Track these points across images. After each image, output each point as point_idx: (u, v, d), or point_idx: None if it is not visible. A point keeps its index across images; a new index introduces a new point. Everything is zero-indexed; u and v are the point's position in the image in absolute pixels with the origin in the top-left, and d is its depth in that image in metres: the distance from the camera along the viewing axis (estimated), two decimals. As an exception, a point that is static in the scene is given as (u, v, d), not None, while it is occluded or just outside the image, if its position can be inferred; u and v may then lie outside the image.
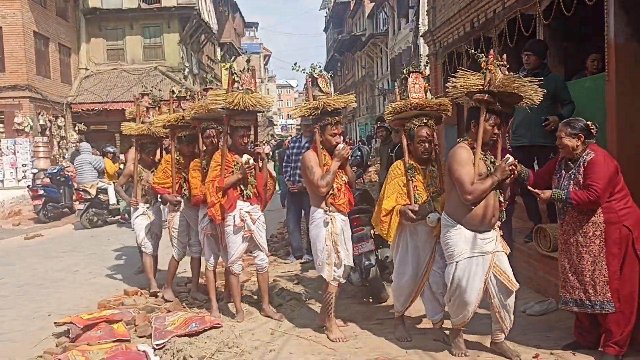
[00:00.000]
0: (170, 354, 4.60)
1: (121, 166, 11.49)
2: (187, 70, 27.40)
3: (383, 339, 4.77)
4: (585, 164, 4.01)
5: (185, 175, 5.90)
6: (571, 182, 4.08)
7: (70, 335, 5.04)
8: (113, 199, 12.24)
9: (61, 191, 13.92)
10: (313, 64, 5.08)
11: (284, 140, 24.81)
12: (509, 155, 4.07)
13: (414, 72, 4.68)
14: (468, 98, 4.19)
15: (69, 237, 11.48)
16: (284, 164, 8.53)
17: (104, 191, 12.32)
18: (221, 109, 5.27)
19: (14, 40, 19.33)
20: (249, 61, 5.28)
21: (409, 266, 4.60)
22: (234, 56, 41.66)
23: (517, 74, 4.24)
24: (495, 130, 4.05)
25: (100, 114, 22.31)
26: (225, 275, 5.81)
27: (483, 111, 4.03)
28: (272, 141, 29.34)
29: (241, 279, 7.00)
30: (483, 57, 4.07)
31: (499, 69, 4.01)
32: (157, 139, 6.60)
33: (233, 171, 5.21)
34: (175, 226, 6.08)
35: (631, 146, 5.21)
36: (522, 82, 3.95)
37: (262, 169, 5.40)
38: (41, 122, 20.09)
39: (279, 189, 11.58)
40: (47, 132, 20.43)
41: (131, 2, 25.57)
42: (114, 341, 4.91)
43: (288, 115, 69.60)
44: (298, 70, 5.12)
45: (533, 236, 5.61)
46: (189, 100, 6.21)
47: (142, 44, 26.21)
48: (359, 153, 9.12)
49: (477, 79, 4.04)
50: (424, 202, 4.48)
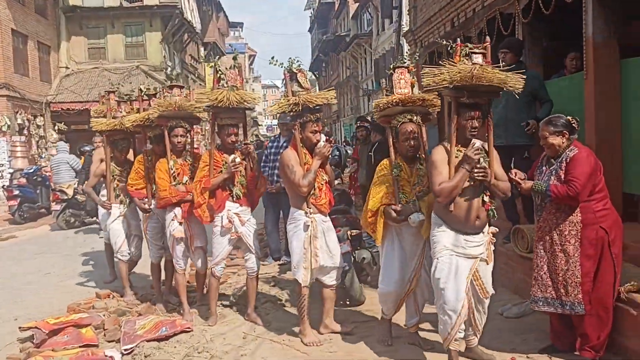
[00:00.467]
0: (138, 359, 4.46)
1: None
2: (169, 69, 27.12)
3: (359, 343, 4.66)
4: (568, 159, 3.94)
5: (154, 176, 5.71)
6: (552, 177, 4.01)
7: (34, 341, 4.86)
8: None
9: (38, 191, 13.62)
10: (291, 58, 4.84)
11: (262, 141, 24.63)
12: (474, 141, 3.76)
13: (399, 67, 4.49)
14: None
15: (44, 239, 11.24)
16: (262, 164, 8.39)
17: (82, 191, 12.07)
18: (207, 107, 5.12)
19: (-9, 38, 18.95)
20: (235, 58, 5.13)
21: (395, 270, 4.39)
22: (218, 55, 41.45)
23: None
24: (473, 125, 3.79)
25: (81, 114, 21.87)
26: (197, 275, 5.70)
27: (454, 106, 3.83)
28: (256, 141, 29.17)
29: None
30: (451, 45, 3.89)
31: (470, 58, 3.72)
32: (129, 134, 6.22)
33: (222, 171, 5.07)
34: (149, 229, 5.89)
35: (609, 145, 5.17)
36: (497, 72, 3.68)
37: (253, 168, 5.23)
38: (19, 121, 19.70)
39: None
40: (25, 132, 20.06)
41: (113, 0, 25.25)
42: (81, 346, 4.76)
43: (274, 116, 69.45)
44: (276, 65, 4.87)
45: (511, 237, 5.54)
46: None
47: (124, 42, 25.88)
48: (337, 153, 9.04)
49: (445, 72, 3.77)
50: (407, 202, 4.27)
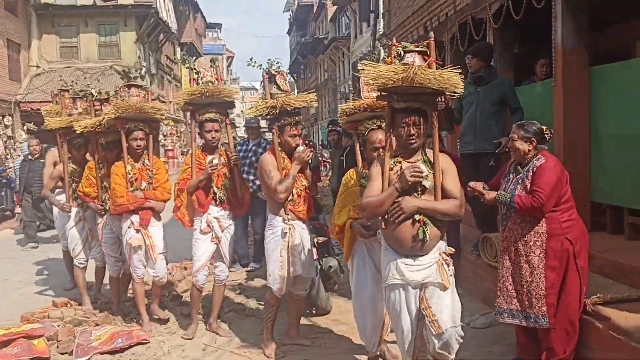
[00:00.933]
0: (89, 373, 4.26)
1: None
2: (144, 69, 26.75)
3: (323, 355, 4.51)
4: (535, 169, 3.84)
5: (107, 184, 5.48)
6: (518, 186, 3.91)
7: (-19, 353, 4.63)
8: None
9: (2, 193, 13.22)
10: (270, 59, 4.70)
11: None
12: (410, 165, 3.21)
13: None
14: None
15: (6, 243, 10.85)
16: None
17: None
18: (185, 104, 4.93)
19: (-43, 35, 18.46)
20: (213, 61, 5.07)
21: (367, 289, 4.04)
22: (195, 56, 41.10)
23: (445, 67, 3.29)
24: (409, 132, 3.19)
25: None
26: (154, 286, 5.44)
27: (388, 112, 3.33)
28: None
29: (182, 287, 6.69)
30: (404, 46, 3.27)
31: (402, 58, 3.12)
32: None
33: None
34: (103, 239, 5.61)
35: (578, 154, 5.11)
36: (434, 73, 3.04)
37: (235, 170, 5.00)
38: (-14, 121, 19.25)
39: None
40: (-7, 132, 19.59)
41: (86, -2, 24.84)
42: (31, 359, 4.54)
43: (251, 118, 69.15)
44: (254, 66, 4.71)
45: (479, 245, 5.44)
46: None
47: (97, 42, 25.51)
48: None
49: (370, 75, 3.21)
50: None
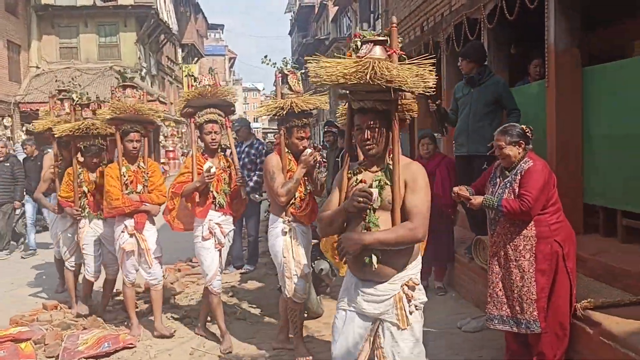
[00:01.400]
0: (74, 378, 4.21)
1: None
2: (144, 70, 26.74)
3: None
4: (523, 172, 3.77)
5: (86, 189, 5.43)
6: (506, 190, 3.84)
7: (-33, 357, 4.58)
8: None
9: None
10: (285, 58, 4.59)
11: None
12: (363, 185, 2.74)
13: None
14: None
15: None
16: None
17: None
18: (185, 106, 4.83)
19: (-44, 36, 18.47)
20: (211, 70, 4.98)
21: None
22: (196, 57, 41.09)
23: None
24: (364, 136, 2.71)
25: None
26: (154, 294, 5.23)
27: (347, 114, 2.95)
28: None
29: (176, 289, 6.65)
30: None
31: (357, 51, 2.65)
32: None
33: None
34: (84, 243, 5.54)
35: (571, 155, 5.05)
36: (395, 68, 2.51)
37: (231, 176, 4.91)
38: (-15, 122, 19.25)
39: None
40: (-8, 132, 19.59)
41: (86, -1, 24.84)
42: (17, 363, 4.50)
43: (254, 118, 69.06)
44: (268, 64, 4.54)
45: (472, 248, 5.38)
46: (92, 106, 5.60)
47: (97, 42, 25.51)
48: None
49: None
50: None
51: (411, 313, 2.74)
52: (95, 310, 5.73)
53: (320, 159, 4.50)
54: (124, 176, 5.02)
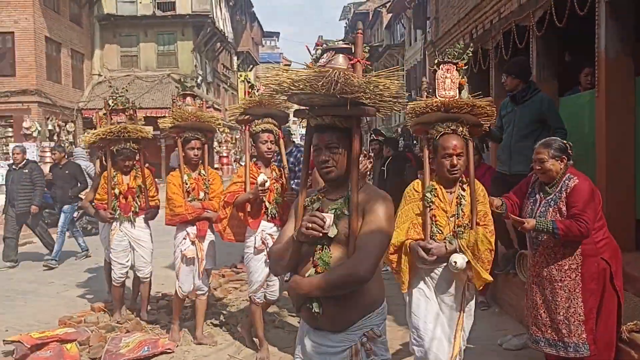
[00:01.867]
0: (113, 380, 4.32)
1: None
2: (200, 78, 27.38)
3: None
4: (569, 190, 3.57)
5: (118, 191, 5.57)
6: (550, 208, 3.63)
7: (15, 355, 4.77)
8: None
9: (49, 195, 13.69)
10: None
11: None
12: (316, 214, 2.28)
13: (445, 62, 3.50)
14: None
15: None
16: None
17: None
18: (241, 113, 4.81)
19: (25, 45, 19.45)
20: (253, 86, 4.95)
21: (428, 330, 3.29)
22: (251, 65, 41.77)
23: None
24: (320, 157, 2.37)
25: (111, 120, 22.28)
26: (199, 303, 5.21)
27: (307, 131, 2.56)
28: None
29: (217, 295, 6.73)
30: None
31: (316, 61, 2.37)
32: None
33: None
34: (113, 246, 5.70)
35: (621, 168, 4.83)
36: (357, 81, 2.17)
37: (284, 185, 4.85)
38: (49, 127, 20.15)
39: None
40: (55, 137, 20.47)
41: (146, 9, 25.74)
42: (61, 363, 4.66)
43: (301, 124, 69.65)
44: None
45: (516, 263, 5.18)
46: (128, 112, 5.75)
47: (156, 51, 26.33)
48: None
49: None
50: (443, 239, 3.30)
51: None
52: (136, 312, 5.90)
53: (371, 166, 4.31)
54: (186, 183, 5.07)
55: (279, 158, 5.13)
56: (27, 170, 8.90)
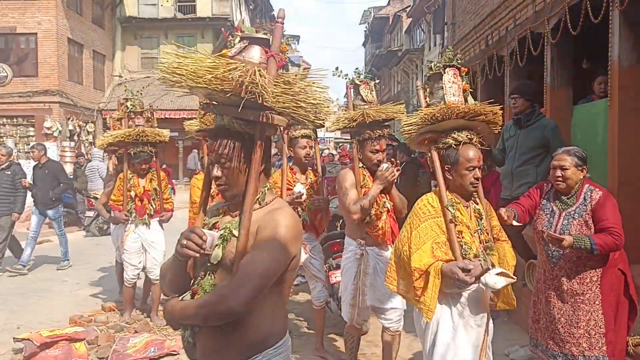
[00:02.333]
0: (118, 380, 4.36)
1: None
2: (219, 80, 27.55)
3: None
4: (593, 202, 3.47)
5: (134, 194, 5.62)
6: (573, 221, 3.52)
7: (24, 353, 4.85)
8: None
9: (80, 198, 13.86)
10: (357, 68, 4.38)
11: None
12: (195, 230, 2.01)
13: (450, 66, 3.17)
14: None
15: (74, 245, 11.33)
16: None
17: None
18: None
19: (47, 46, 19.75)
20: None
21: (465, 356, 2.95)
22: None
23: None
24: (215, 173, 2.07)
25: (131, 121, 22.53)
26: None
27: None
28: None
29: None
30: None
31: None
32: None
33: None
34: (126, 247, 5.78)
35: (634, 177, 4.75)
36: (261, 78, 1.84)
37: (319, 191, 4.82)
38: (70, 127, 20.43)
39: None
40: (76, 138, 20.75)
41: (167, 11, 25.97)
42: (69, 362, 4.72)
43: (326, 128, 69.74)
44: (339, 76, 4.26)
45: (525, 272, 5.14)
46: (145, 115, 5.80)
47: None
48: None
49: None
50: (476, 257, 2.90)
51: None
52: (146, 312, 5.96)
53: (398, 174, 4.05)
54: (212, 187, 5.10)
55: (314, 162, 5.06)
56: (9, 172, 8.41)
